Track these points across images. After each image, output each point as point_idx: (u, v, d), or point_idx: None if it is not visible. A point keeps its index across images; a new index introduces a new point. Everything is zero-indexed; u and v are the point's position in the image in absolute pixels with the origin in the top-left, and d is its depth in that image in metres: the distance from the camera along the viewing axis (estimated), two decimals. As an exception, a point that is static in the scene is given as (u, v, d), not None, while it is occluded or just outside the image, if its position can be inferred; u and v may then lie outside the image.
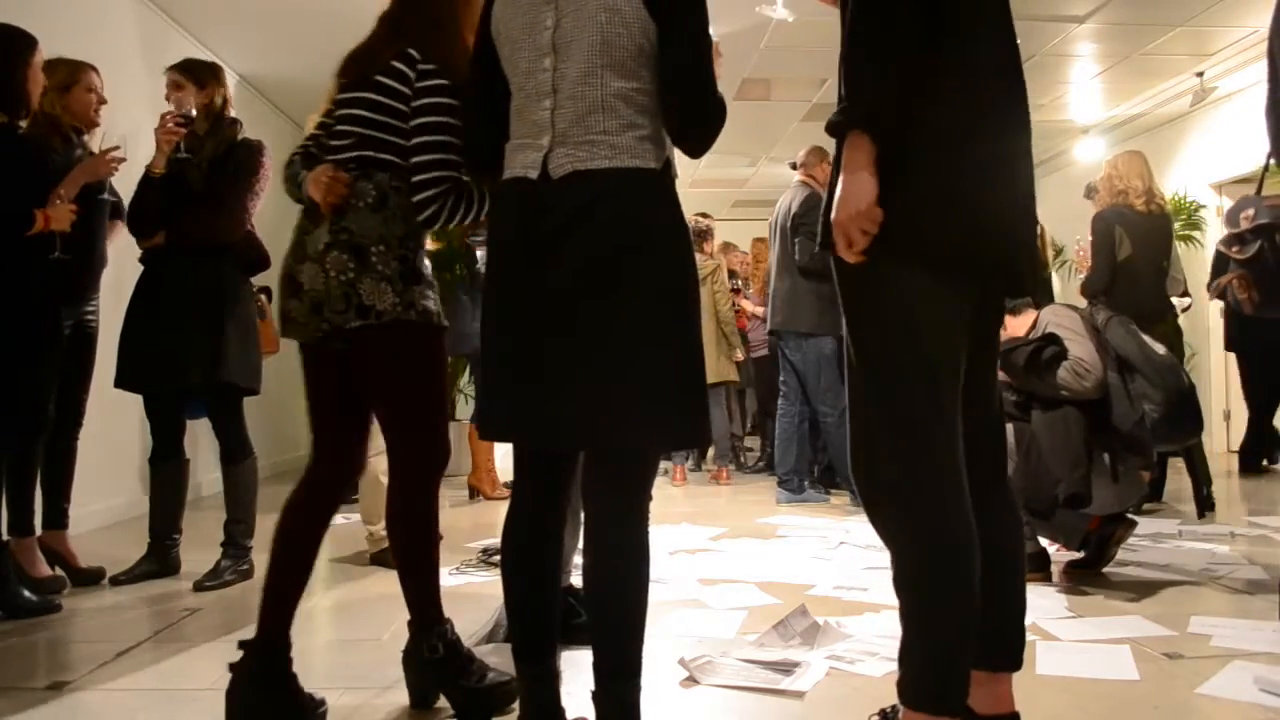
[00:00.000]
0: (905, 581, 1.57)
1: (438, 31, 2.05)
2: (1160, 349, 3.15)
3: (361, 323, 1.98)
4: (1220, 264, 5.85)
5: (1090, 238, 4.77)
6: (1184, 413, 3.09)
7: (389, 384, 2.07)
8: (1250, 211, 5.57)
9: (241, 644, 2.02)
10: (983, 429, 1.68)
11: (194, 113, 3.30)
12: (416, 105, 2.00)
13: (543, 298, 1.67)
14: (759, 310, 6.75)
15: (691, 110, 1.70)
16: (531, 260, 1.69)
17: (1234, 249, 2.20)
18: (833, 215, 1.52)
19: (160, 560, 3.48)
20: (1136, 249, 4.59)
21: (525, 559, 1.80)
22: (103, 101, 3.44)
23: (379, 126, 2.03)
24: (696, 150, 1.75)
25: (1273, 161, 2.22)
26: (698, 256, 6.20)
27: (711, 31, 1.74)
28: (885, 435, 1.58)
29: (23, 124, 3.11)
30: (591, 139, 1.66)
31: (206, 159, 3.35)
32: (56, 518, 3.46)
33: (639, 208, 1.67)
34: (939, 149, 1.53)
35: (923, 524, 1.54)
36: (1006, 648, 1.69)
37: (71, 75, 3.34)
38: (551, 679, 1.78)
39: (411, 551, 2.12)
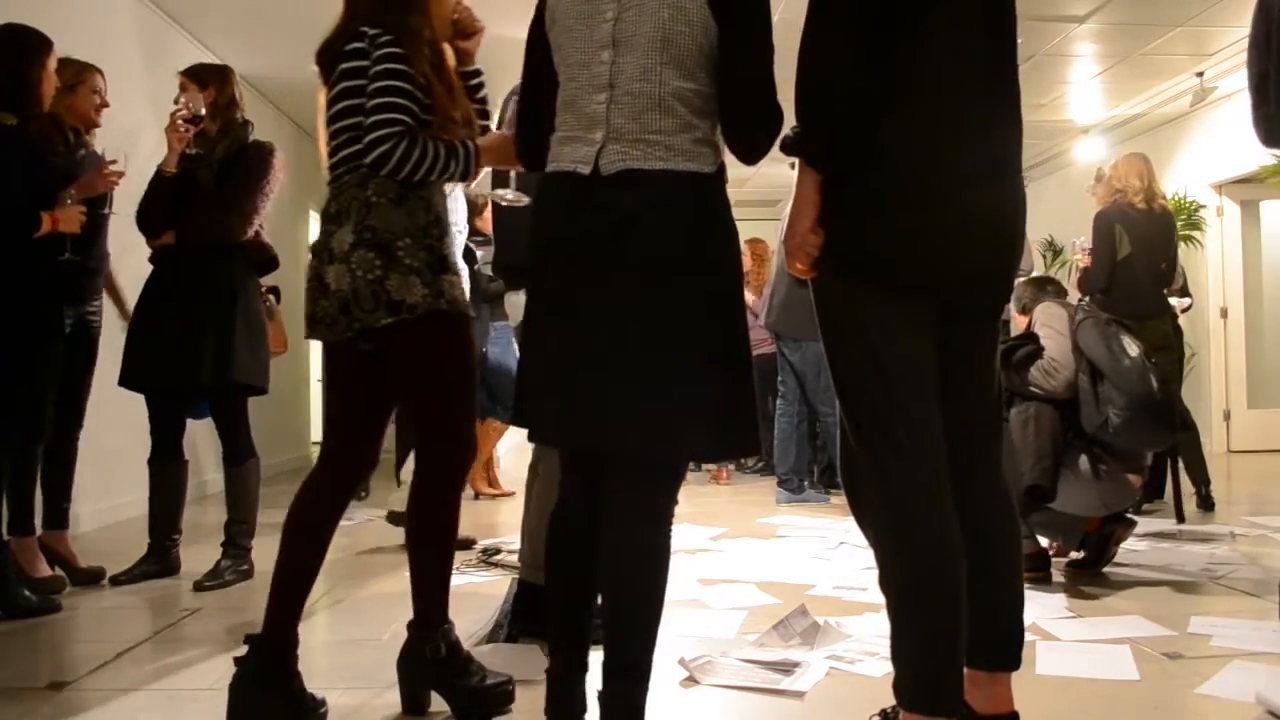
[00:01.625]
0: (886, 583, 1.60)
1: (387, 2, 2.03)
2: (1134, 352, 3.11)
3: (393, 319, 1.95)
4: None
5: (1091, 236, 4.77)
6: (1150, 419, 3.04)
7: (424, 377, 2.04)
8: None
9: (247, 638, 2.02)
10: (974, 429, 1.68)
11: (203, 111, 3.30)
12: (371, 73, 1.98)
13: (596, 299, 1.65)
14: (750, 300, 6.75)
15: (754, 115, 1.69)
16: (584, 260, 1.66)
17: None
18: (780, 236, 1.58)
19: (160, 560, 3.47)
20: (1136, 248, 4.59)
21: (573, 558, 1.80)
22: (104, 104, 3.45)
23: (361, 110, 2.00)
24: (753, 156, 1.73)
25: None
26: None
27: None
28: (855, 441, 1.63)
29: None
30: (647, 138, 1.64)
31: (218, 159, 3.35)
32: (58, 517, 3.46)
33: (696, 212, 1.66)
34: (883, 170, 1.54)
35: (896, 525, 1.56)
36: (1005, 647, 1.69)
37: (76, 76, 3.35)
38: (583, 672, 1.79)
39: (432, 548, 2.09)
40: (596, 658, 1.72)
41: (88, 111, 3.39)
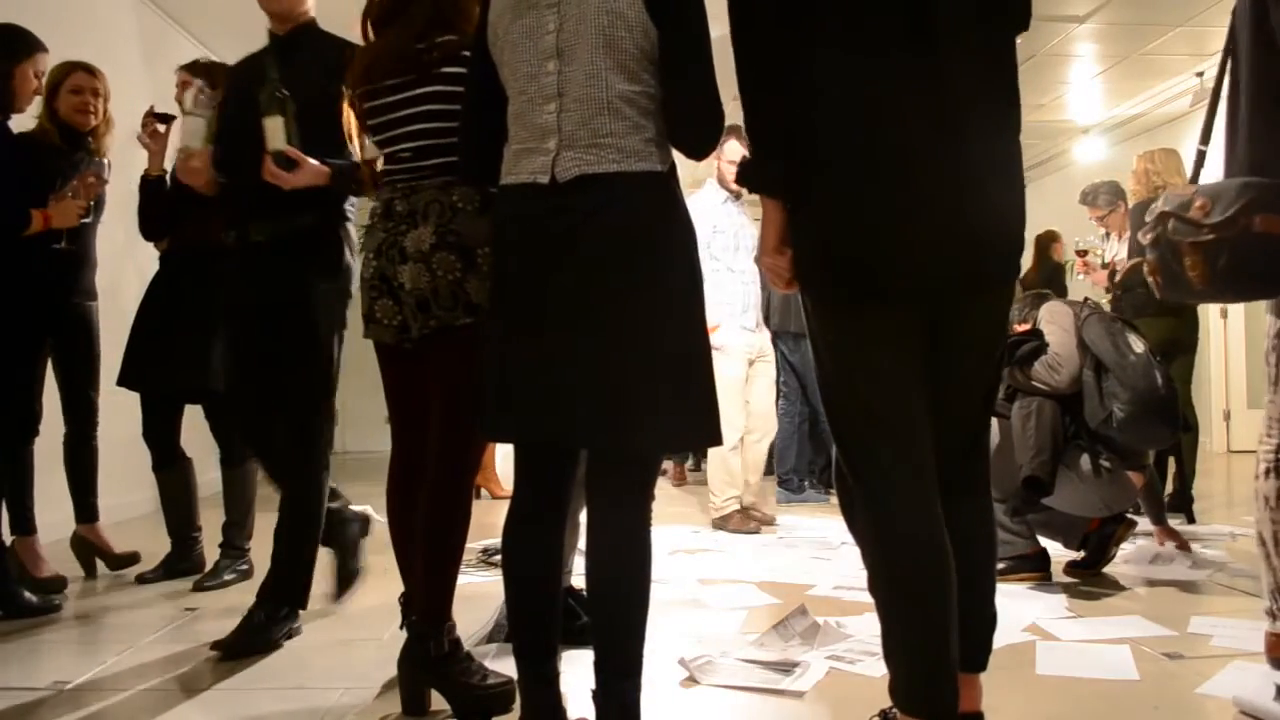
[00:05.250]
0: (874, 587, 1.61)
1: (463, 4, 2.06)
2: (1140, 348, 3.11)
3: (470, 320, 2.00)
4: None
5: (1130, 228, 4.65)
6: (1154, 415, 3.04)
7: (470, 376, 2.04)
8: (1159, 203, 5.46)
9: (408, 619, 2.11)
10: (955, 433, 1.67)
11: (190, 106, 3.27)
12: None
13: (551, 300, 1.68)
14: None
15: (693, 113, 1.71)
16: (540, 263, 1.69)
17: (1146, 235, 2.22)
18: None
19: (183, 558, 3.50)
20: None
21: (526, 559, 1.80)
22: (85, 104, 3.34)
23: (451, 118, 1.98)
24: (696, 152, 1.75)
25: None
26: None
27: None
28: (838, 447, 1.66)
29: (10, 122, 3.12)
30: (599, 142, 1.66)
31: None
32: (87, 511, 3.50)
33: (647, 211, 1.68)
34: (815, 176, 1.57)
35: (879, 530, 1.57)
36: (970, 649, 1.66)
37: (56, 76, 3.31)
38: (551, 680, 1.78)
39: (444, 546, 2.11)
40: (588, 659, 1.72)
41: (69, 112, 3.32)
